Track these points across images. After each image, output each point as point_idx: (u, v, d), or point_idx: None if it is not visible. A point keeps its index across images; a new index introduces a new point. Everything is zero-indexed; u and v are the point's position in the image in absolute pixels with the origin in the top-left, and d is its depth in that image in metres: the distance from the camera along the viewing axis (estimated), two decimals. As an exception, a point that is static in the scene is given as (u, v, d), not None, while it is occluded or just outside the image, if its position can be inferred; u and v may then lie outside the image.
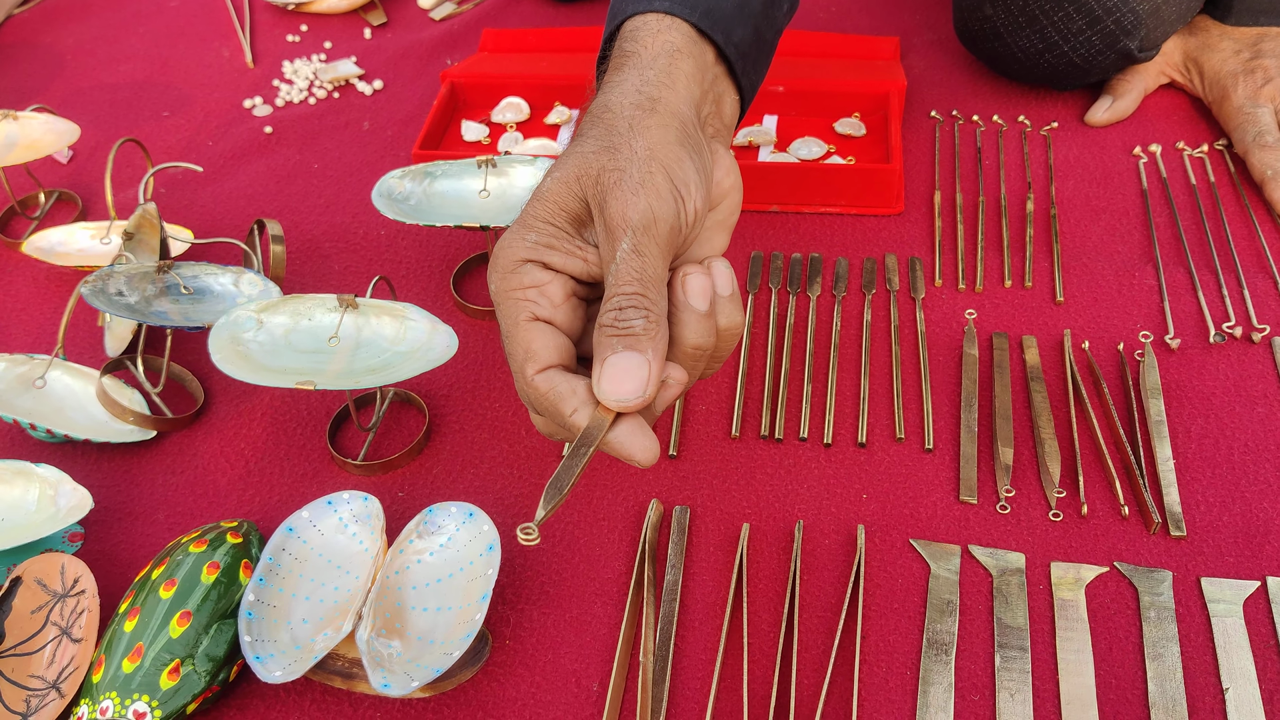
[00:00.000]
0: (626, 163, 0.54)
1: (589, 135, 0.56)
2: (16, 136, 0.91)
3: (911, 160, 0.95)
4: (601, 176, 0.53)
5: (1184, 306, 0.80)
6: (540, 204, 0.55)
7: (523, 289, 0.54)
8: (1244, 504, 0.67)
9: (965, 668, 0.60)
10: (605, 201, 0.53)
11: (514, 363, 0.53)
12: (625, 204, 0.52)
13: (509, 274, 0.54)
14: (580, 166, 0.54)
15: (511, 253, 0.54)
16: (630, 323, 0.51)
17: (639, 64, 0.60)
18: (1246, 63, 0.95)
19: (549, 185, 0.55)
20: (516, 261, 0.54)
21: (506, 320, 0.54)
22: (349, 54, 1.17)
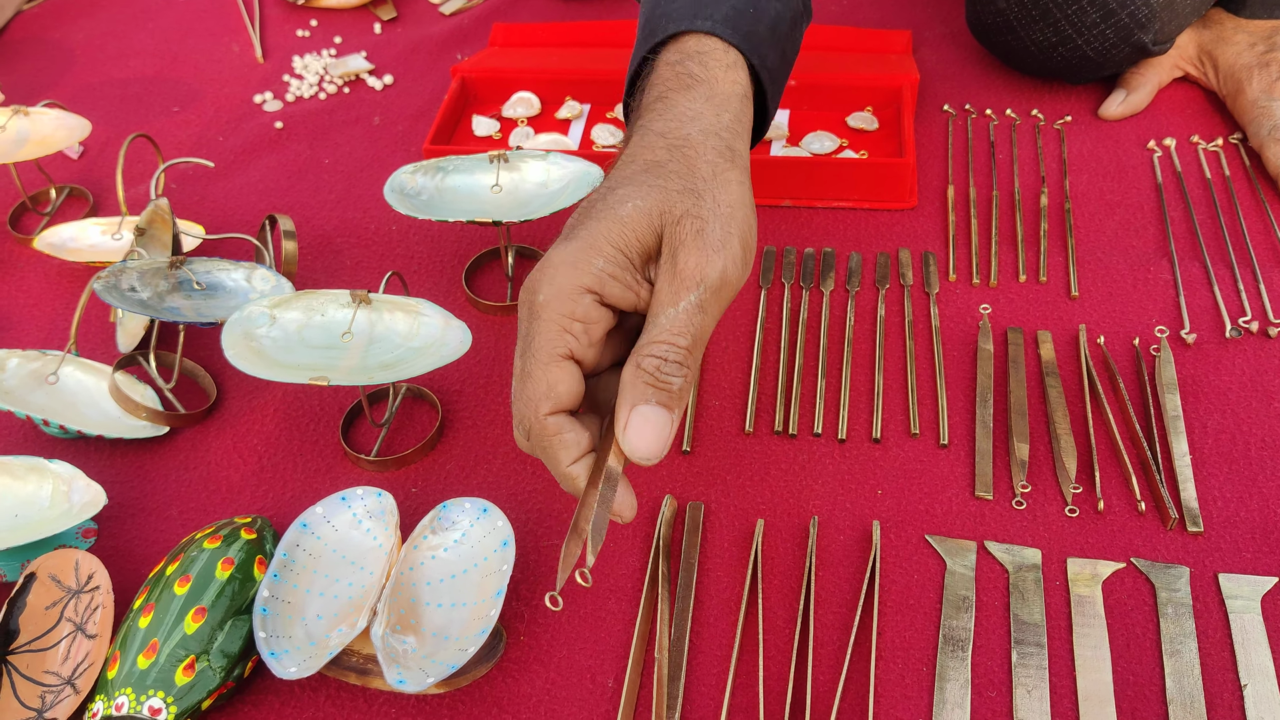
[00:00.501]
0: (710, 215, 0.53)
1: (670, 169, 0.55)
2: (28, 132, 0.91)
3: (924, 154, 0.95)
4: (684, 221, 0.53)
5: (1199, 301, 0.79)
6: (616, 227, 0.53)
7: (572, 319, 0.52)
8: (1261, 499, 0.66)
9: (981, 664, 0.60)
10: (682, 249, 0.52)
11: (529, 388, 0.52)
12: (705, 260, 0.52)
13: (565, 298, 0.52)
14: (664, 202, 0.53)
15: (575, 276, 0.52)
16: (670, 379, 0.51)
17: (713, 100, 0.60)
18: (1261, 56, 0.95)
19: (629, 212, 0.53)
20: (578, 288, 0.52)
21: (542, 344, 0.52)
22: (359, 49, 1.17)
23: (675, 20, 0.63)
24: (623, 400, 0.51)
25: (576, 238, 0.53)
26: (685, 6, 0.63)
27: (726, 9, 0.63)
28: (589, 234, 0.53)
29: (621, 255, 0.53)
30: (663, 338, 0.52)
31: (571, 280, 0.52)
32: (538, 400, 0.52)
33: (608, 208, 0.54)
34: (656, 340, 0.52)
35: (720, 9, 0.63)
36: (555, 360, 0.52)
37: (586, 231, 0.53)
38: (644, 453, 0.51)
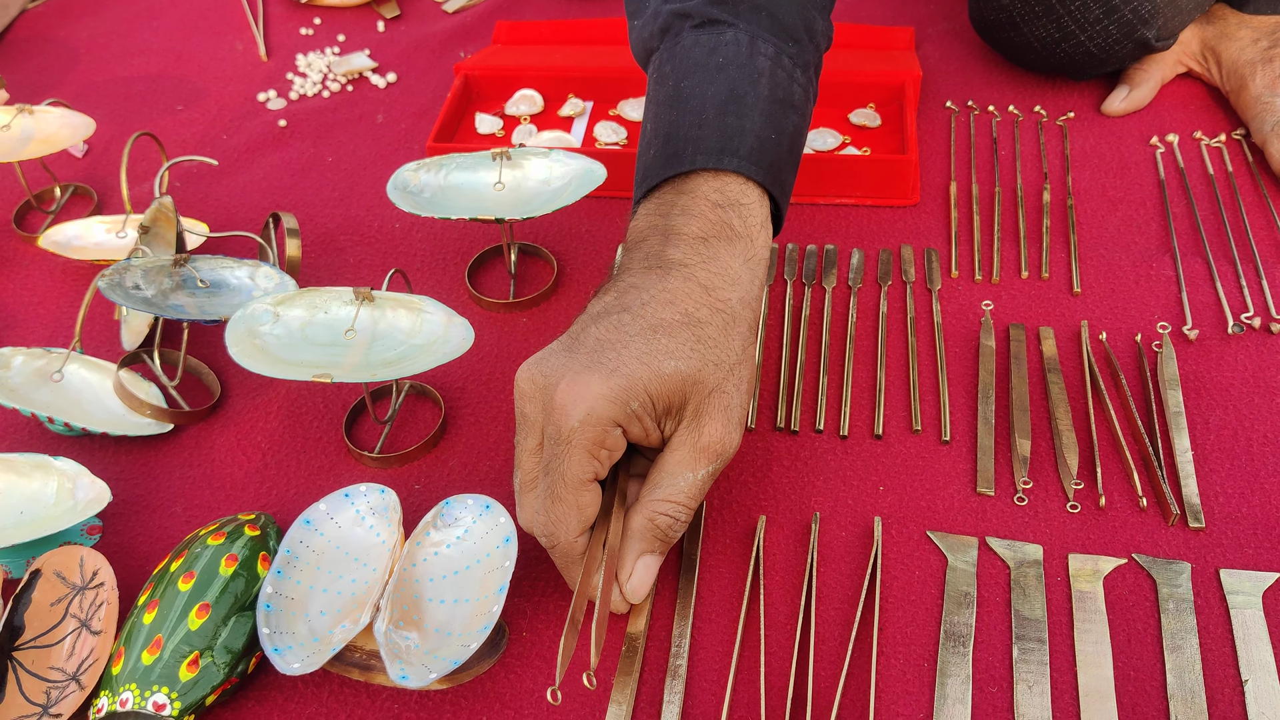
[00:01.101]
0: (734, 391, 0.59)
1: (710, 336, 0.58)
2: (32, 131, 0.92)
3: (927, 151, 0.95)
4: (714, 396, 0.58)
5: (1202, 297, 0.79)
6: (655, 381, 0.56)
7: (602, 448, 0.56)
8: (1263, 495, 0.66)
9: (983, 660, 0.60)
10: (710, 422, 0.57)
11: (559, 510, 0.56)
12: (727, 435, 0.58)
13: (599, 428, 0.55)
14: (701, 372, 0.57)
15: (611, 410, 0.55)
16: (675, 536, 0.59)
17: (750, 263, 0.62)
18: (1265, 51, 0.95)
19: (670, 371, 0.56)
20: (612, 422, 0.56)
21: (574, 471, 0.55)
22: (362, 47, 1.17)
23: (704, 152, 0.64)
24: (630, 548, 0.58)
25: (617, 374, 0.56)
26: (713, 136, 0.64)
27: (751, 140, 0.65)
28: (630, 374, 0.56)
29: (651, 404, 0.57)
30: (679, 499, 0.58)
31: (607, 414, 0.55)
32: (569, 522, 0.56)
33: (649, 355, 0.56)
34: (673, 500, 0.58)
35: (746, 141, 0.64)
36: (585, 485, 0.56)
37: (628, 372, 0.56)
38: (639, 595, 0.59)
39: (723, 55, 0.67)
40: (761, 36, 0.68)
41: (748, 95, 0.66)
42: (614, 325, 0.58)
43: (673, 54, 0.69)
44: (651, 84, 0.71)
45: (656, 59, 0.71)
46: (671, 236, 0.62)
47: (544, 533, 0.57)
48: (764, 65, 0.67)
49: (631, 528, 0.58)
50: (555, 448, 0.56)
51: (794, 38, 0.69)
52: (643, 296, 0.59)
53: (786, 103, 0.67)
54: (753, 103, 0.66)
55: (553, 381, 0.56)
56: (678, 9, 0.69)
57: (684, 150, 0.64)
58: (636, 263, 0.62)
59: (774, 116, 0.66)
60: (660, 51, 0.71)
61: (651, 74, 0.72)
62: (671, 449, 0.58)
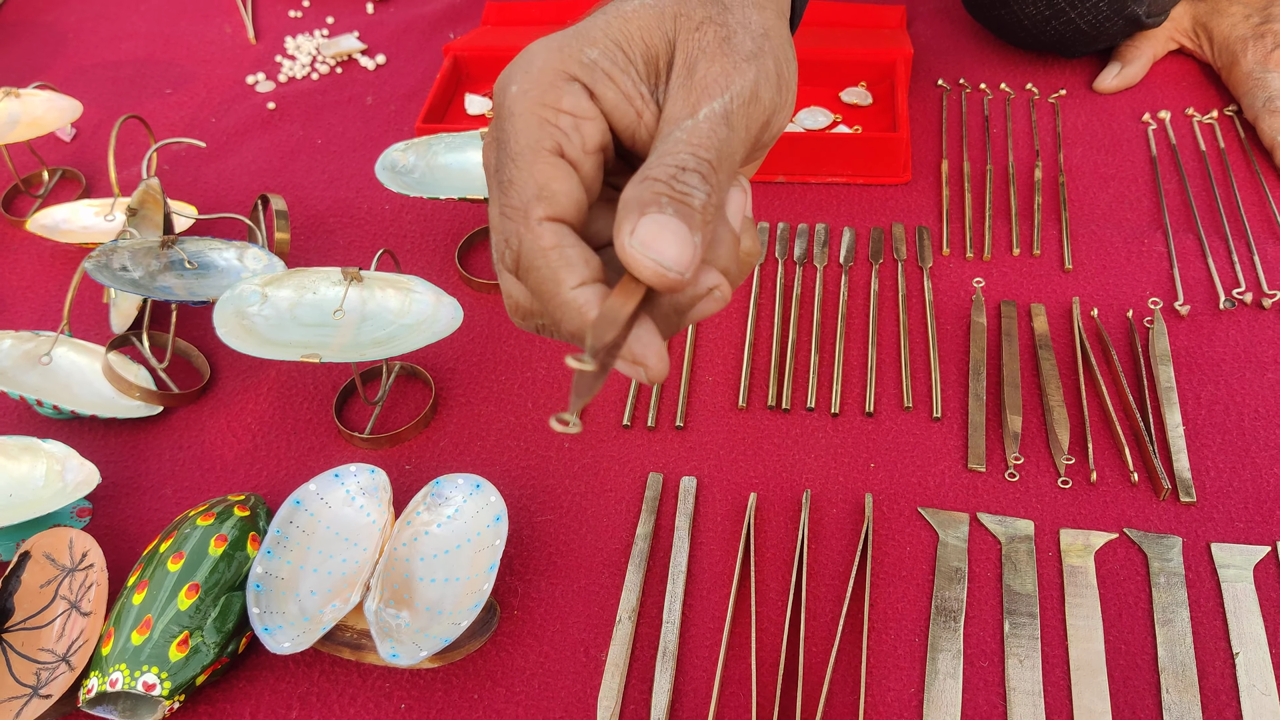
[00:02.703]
0: (739, 27, 0.43)
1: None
2: (19, 114, 0.91)
3: (918, 129, 0.95)
4: (704, 28, 0.42)
5: (1193, 273, 0.79)
6: (616, 21, 0.42)
7: (558, 110, 0.41)
8: (1254, 470, 0.66)
9: (974, 635, 0.60)
10: (703, 58, 0.42)
11: (515, 196, 0.40)
12: (730, 69, 0.41)
13: (547, 86, 0.41)
14: (679, 3, 0.42)
15: (557, 60, 0.41)
16: (690, 190, 0.38)
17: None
18: (1256, 27, 0.94)
19: (634, 7, 0.42)
20: (561, 74, 0.41)
21: (522, 139, 0.40)
22: (351, 29, 1.16)
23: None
24: (624, 213, 0.38)
25: (560, 33, 0.42)
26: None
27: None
28: (579, 27, 0.42)
29: (619, 52, 0.42)
30: (678, 148, 0.40)
31: (552, 64, 0.41)
32: (528, 203, 0.40)
33: (607, 7, 0.43)
34: (671, 151, 0.40)
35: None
36: (541, 155, 0.40)
37: (576, 26, 0.42)
38: (664, 256, 0.37)
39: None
40: None
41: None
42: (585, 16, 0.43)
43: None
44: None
45: None
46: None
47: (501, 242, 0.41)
48: None
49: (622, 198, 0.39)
50: (499, 128, 0.41)
51: None
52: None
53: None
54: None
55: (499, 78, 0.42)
56: None
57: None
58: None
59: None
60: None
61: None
62: (665, 110, 0.42)
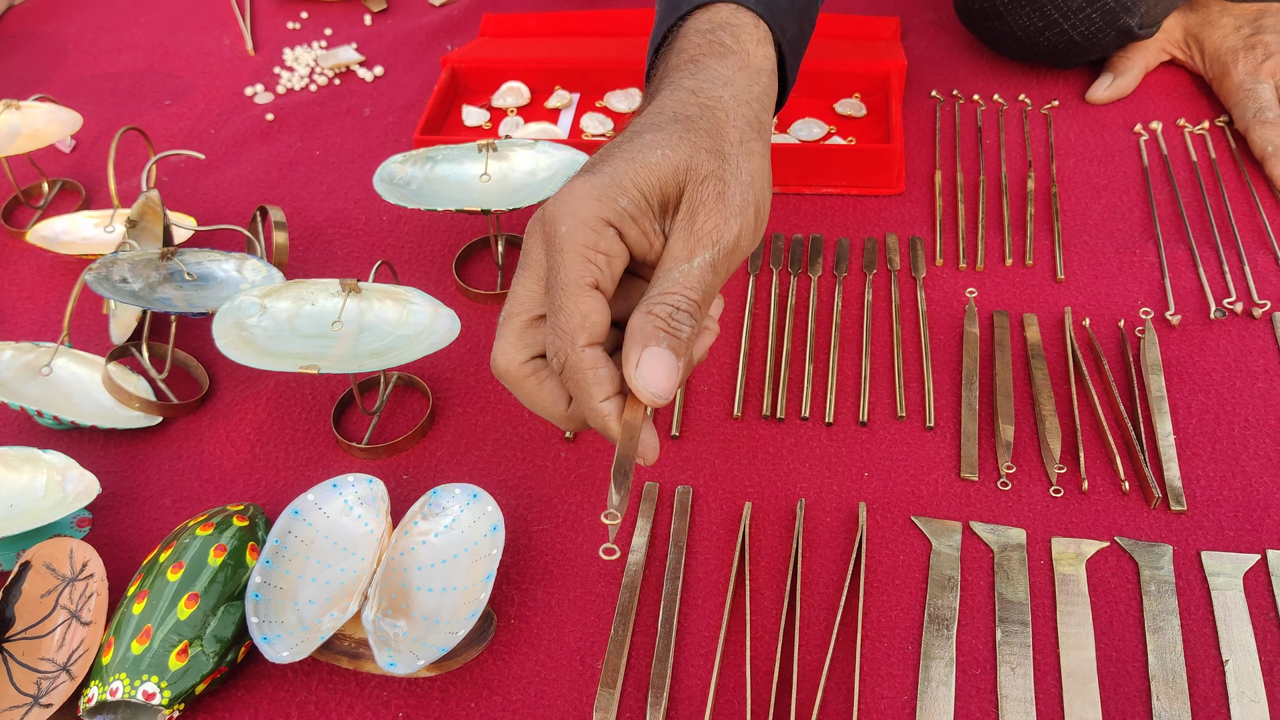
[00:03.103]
0: (732, 179, 0.54)
1: (700, 127, 0.55)
2: (19, 126, 0.92)
3: (912, 140, 0.95)
4: (708, 182, 0.54)
5: (1185, 283, 0.80)
6: (643, 172, 0.53)
7: (596, 251, 0.52)
8: (1244, 478, 0.67)
9: (966, 642, 0.60)
10: (702, 209, 0.53)
11: (564, 322, 0.51)
12: (723, 222, 0.53)
13: (589, 229, 0.52)
14: (691, 158, 0.54)
15: (598, 208, 0.52)
16: (680, 327, 0.52)
17: (745, 70, 0.60)
18: (1247, 39, 0.95)
19: (656, 159, 0.53)
20: (601, 220, 0.52)
21: (570, 277, 0.51)
22: (349, 40, 1.17)
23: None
24: (632, 342, 0.51)
25: (600, 173, 0.53)
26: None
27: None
28: (614, 172, 0.53)
29: (644, 200, 0.53)
30: (675, 289, 0.52)
31: (595, 212, 0.52)
32: (573, 332, 0.51)
33: (635, 151, 0.53)
34: (669, 291, 0.52)
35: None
36: (585, 290, 0.51)
37: (611, 169, 0.53)
38: (656, 389, 0.51)
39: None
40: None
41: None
42: (608, 148, 0.55)
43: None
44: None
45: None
46: (668, 71, 0.60)
47: (552, 351, 0.52)
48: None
49: (630, 327, 0.52)
50: (550, 258, 0.52)
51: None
52: (638, 121, 0.57)
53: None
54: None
55: (547, 211, 0.53)
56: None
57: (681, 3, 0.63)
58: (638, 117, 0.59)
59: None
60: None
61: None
62: (668, 246, 0.54)
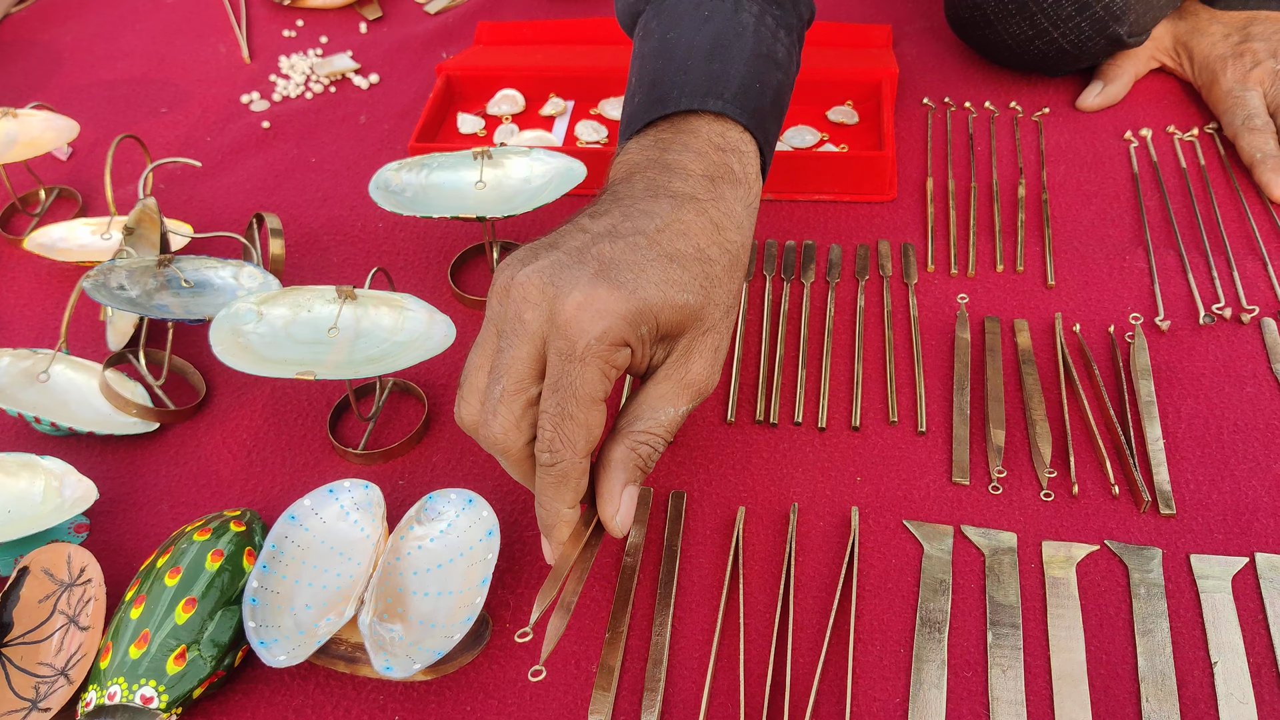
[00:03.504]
0: (725, 333, 0.59)
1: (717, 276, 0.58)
2: (16, 134, 0.92)
3: (904, 147, 0.96)
4: (709, 335, 0.58)
5: (1174, 289, 0.81)
6: (666, 310, 0.55)
7: (614, 368, 0.54)
8: (1233, 482, 0.68)
9: (958, 645, 0.61)
10: (699, 358, 0.58)
11: (573, 432, 0.54)
12: (711, 374, 0.58)
13: (614, 347, 0.54)
14: (703, 310, 0.57)
15: (625, 330, 0.54)
16: (650, 467, 0.58)
17: (749, 209, 0.63)
18: (1235, 46, 0.96)
19: (681, 302, 0.56)
20: (623, 339, 0.54)
21: (587, 390, 0.54)
22: (345, 48, 1.18)
23: (689, 94, 0.65)
24: (614, 478, 0.56)
25: (631, 291, 0.54)
26: (698, 79, 0.65)
27: (736, 86, 0.65)
28: (646, 299, 0.54)
29: (658, 329, 0.56)
30: (659, 432, 0.57)
31: (622, 333, 0.54)
32: (577, 440, 0.54)
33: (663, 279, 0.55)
34: (654, 433, 0.57)
35: (730, 86, 0.65)
36: (597, 403, 0.54)
37: (644, 294, 0.54)
38: (626, 528, 0.58)
39: (709, 9, 0.69)
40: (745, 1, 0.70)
41: (732, 45, 0.67)
42: (630, 246, 0.56)
43: (659, 10, 0.71)
44: (637, 41, 0.73)
45: (643, 19, 0.73)
46: (676, 170, 0.61)
47: (547, 446, 0.54)
48: (748, 21, 0.69)
49: (612, 458, 0.57)
50: (567, 364, 0.53)
51: (777, 2, 0.72)
52: (656, 222, 0.57)
53: (770, 58, 0.69)
54: (737, 53, 0.67)
55: (564, 292, 0.54)
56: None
57: (669, 94, 0.65)
58: (639, 188, 0.61)
59: (758, 69, 0.67)
60: (647, 11, 0.73)
61: (637, 33, 0.74)
62: (655, 381, 0.58)
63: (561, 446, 0.54)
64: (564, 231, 0.59)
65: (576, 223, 0.59)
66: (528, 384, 0.55)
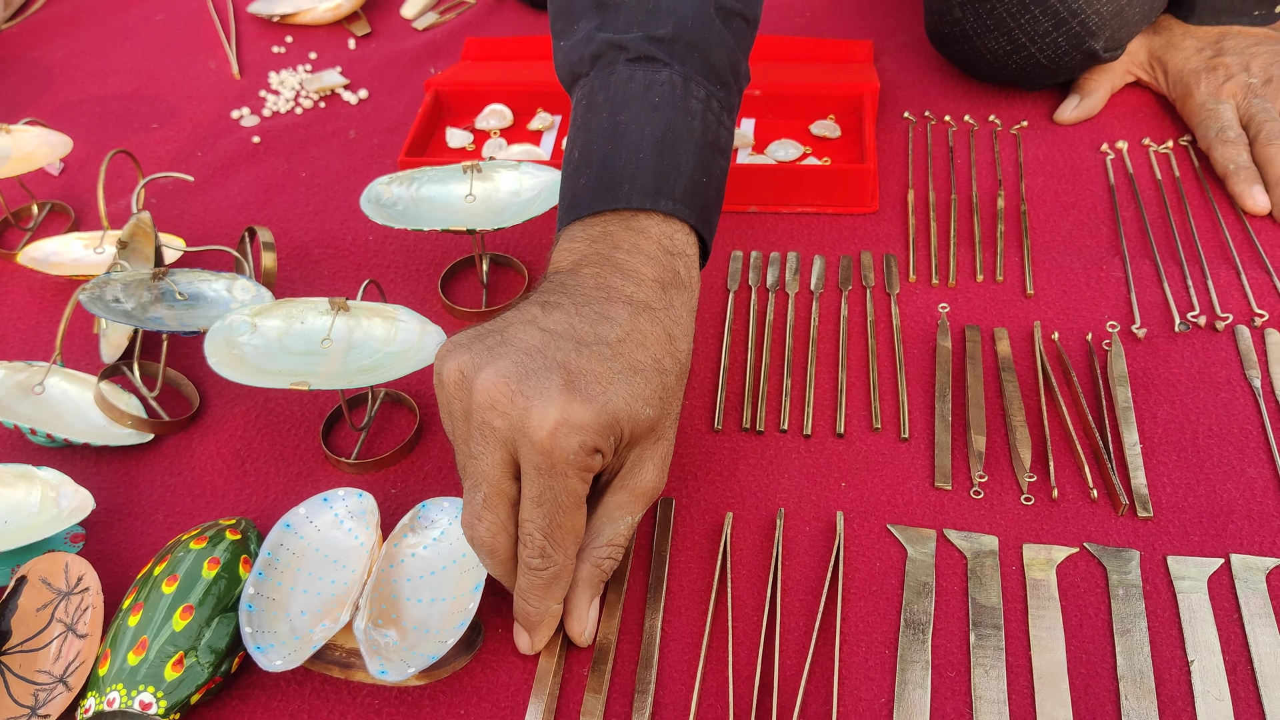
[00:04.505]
0: (671, 440, 0.63)
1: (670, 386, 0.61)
2: (9, 149, 0.93)
3: (885, 160, 0.98)
4: (660, 444, 0.62)
5: (1150, 297, 0.82)
6: (629, 423, 0.58)
7: (590, 472, 0.58)
8: (1208, 485, 0.69)
9: (941, 646, 0.62)
10: (651, 466, 0.61)
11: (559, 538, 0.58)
12: (659, 480, 0.62)
13: (590, 456, 0.56)
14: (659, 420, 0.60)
15: (598, 439, 0.56)
16: (610, 574, 0.63)
17: (691, 311, 0.65)
18: (1209, 60, 0.98)
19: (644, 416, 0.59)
20: (595, 449, 0.57)
21: (571, 497, 0.57)
22: (334, 64, 1.19)
23: (640, 191, 0.65)
24: (581, 596, 0.61)
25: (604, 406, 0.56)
26: (649, 175, 0.66)
27: (685, 183, 0.66)
28: (614, 410, 0.57)
29: (624, 438, 0.59)
30: (619, 542, 0.62)
31: (597, 444, 0.56)
32: (568, 544, 0.59)
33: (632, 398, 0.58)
34: (614, 544, 0.61)
35: (680, 183, 0.66)
36: (579, 507, 0.58)
37: (615, 407, 0.57)
38: (591, 638, 0.63)
39: (658, 94, 0.68)
40: (694, 79, 0.69)
41: (681, 135, 0.67)
42: (595, 356, 0.57)
43: (606, 84, 0.70)
44: (580, 109, 0.72)
45: (586, 84, 0.72)
46: (629, 274, 0.62)
47: (537, 551, 0.58)
48: (696, 108, 0.69)
49: (580, 577, 0.61)
50: (549, 479, 0.56)
51: (722, 81, 0.71)
52: (617, 331, 0.59)
53: (715, 146, 0.69)
54: (686, 143, 0.67)
55: (535, 404, 0.55)
56: (613, 40, 0.70)
57: (619, 185, 0.66)
58: (588, 284, 0.62)
59: (705, 159, 0.68)
60: (591, 78, 0.71)
61: (580, 98, 0.72)
62: (611, 492, 0.61)
63: (554, 551, 0.58)
64: (511, 321, 0.60)
65: (524, 312, 0.60)
66: (505, 486, 0.58)
